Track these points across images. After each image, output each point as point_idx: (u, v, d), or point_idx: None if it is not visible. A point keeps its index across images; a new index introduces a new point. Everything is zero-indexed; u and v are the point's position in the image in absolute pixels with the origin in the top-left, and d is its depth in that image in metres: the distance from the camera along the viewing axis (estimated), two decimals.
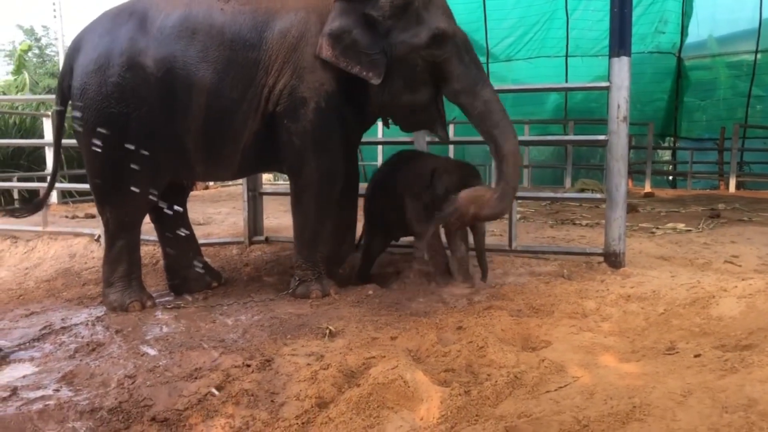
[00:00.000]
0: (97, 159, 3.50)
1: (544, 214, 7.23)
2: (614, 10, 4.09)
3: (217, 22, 3.46)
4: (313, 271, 3.78)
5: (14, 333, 3.29)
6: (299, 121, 3.54)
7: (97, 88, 3.40)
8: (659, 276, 3.80)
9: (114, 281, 3.66)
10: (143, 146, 3.42)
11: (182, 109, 3.45)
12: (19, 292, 4.22)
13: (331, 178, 3.73)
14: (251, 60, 3.47)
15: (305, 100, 3.51)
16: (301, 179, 3.72)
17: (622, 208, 4.10)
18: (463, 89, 3.54)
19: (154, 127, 3.45)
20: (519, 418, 1.97)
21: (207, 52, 3.42)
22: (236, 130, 3.55)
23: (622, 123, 4.05)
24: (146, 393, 2.38)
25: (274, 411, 2.25)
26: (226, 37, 3.45)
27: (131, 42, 3.41)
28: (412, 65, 3.52)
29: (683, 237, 5.31)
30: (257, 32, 3.48)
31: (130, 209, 3.63)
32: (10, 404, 2.31)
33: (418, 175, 3.88)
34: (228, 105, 3.47)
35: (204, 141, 3.56)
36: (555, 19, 12.98)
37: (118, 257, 3.67)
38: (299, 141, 3.58)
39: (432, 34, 3.45)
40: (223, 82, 3.44)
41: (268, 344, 2.84)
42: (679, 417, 1.86)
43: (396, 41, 3.48)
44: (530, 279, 3.96)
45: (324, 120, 3.56)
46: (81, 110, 3.46)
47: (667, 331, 2.83)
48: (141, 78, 3.38)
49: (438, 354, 2.69)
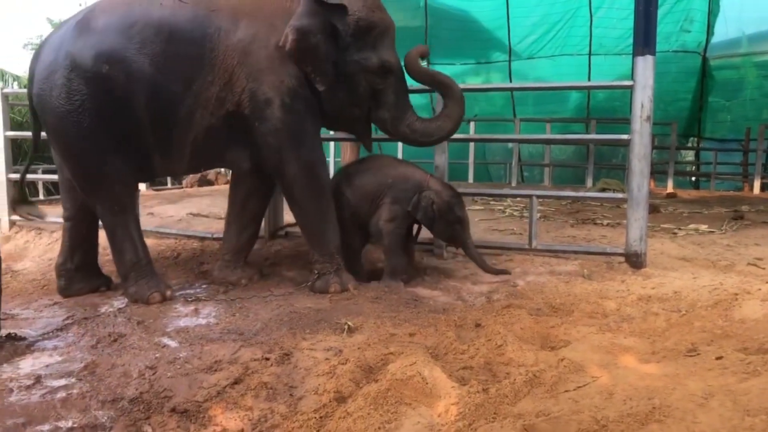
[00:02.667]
0: (67, 158, 3.68)
1: (565, 213, 7.18)
2: (639, 8, 4.05)
3: (155, 16, 3.53)
4: (331, 263, 3.80)
5: (38, 322, 3.34)
6: (269, 121, 3.62)
7: (49, 92, 3.50)
8: (681, 277, 3.76)
9: (126, 272, 3.72)
10: (102, 139, 3.53)
11: (128, 102, 3.51)
12: (43, 283, 4.28)
13: (314, 168, 3.80)
14: (192, 55, 3.53)
15: (270, 101, 3.59)
16: (285, 177, 3.77)
17: (643, 208, 4.07)
18: (391, 117, 3.91)
19: (106, 120, 3.51)
20: (537, 417, 1.97)
21: (144, 45, 3.48)
22: (181, 122, 3.60)
23: (646, 122, 4.01)
24: (167, 384, 2.41)
25: (293, 404, 2.27)
26: (164, 30, 3.51)
27: (73, 44, 3.50)
28: (357, 84, 3.80)
29: (706, 238, 5.25)
30: (198, 27, 3.55)
31: (114, 199, 3.69)
32: (34, 392, 2.36)
33: (403, 190, 3.95)
34: (170, 97, 3.53)
35: (152, 131, 3.61)
36: (578, 16, 12.85)
37: (121, 247, 3.72)
38: (273, 140, 3.64)
39: (380, 64, 3.78)
40: (162, 74, 3.50)
41: (287, 338, 2.86)
42: (699, 419, 1.85)
43: (350, 59, 3.73)
44: (550, 278, 3.95)
45: (292, 115, 3.63)
46: (41, 114, 3.62)
47: (688, 332, 2.80)
48: (84, 76, 3.45)
49: (456, 351, 2.69)
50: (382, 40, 3.81)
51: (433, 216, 3.90)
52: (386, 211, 3.95)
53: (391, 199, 3.95)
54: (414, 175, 4.03)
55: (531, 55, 13.52)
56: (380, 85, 3.83)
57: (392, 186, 3.97)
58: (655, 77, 4.02)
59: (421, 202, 3.90)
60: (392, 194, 3.95)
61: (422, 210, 3.90)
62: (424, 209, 3.89)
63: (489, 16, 13.10)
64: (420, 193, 3.91)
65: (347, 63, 3.74)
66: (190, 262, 4.59)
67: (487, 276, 4.02)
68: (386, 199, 3.96)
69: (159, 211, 6.63)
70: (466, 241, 3.98)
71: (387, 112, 3.90)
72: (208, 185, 9.72)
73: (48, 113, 3.56)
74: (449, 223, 3.94)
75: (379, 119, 3.96)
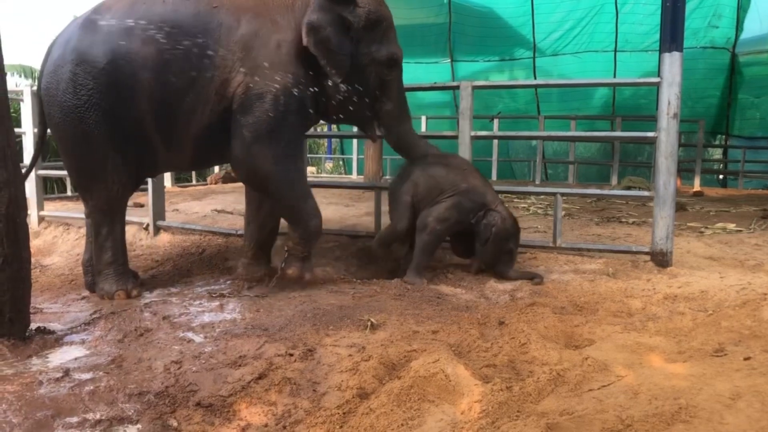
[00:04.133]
0: (68, 153, 3.76)
1: (590, 211, 7.12)
2: (666, 4, 4.00)
3: (158, 12, 3.57)
4: (303, 248, 3.87)
5: (67, 316, 3.40)
6: (253, 114, 3.60)
7: (56, 86, 3.58)
8: (708, 276, 3.71)
9: (102, 269, 3.80)
10: (104, 135, 3.59)
11: (132, 97, 3.56)
12: (71, 277, 4.35)
13: (284, 159, 3.75)
14: (195, 51, 3.55)
15: (262, 95, 3.59)
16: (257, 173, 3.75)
17: (670, 206, 4.02)
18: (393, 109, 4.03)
19: (110, 116, 3.57)
20: (561, 416, 1.96)
21: (148, 42, 3.52)
22: (184, 117, 3.64)
23: (673, 120, 3.96)
24: (192, 378, 2.44)
25: (316, 400, 2.28)
26: (167, 26, 3.54)
27: (80, 40, 3.58)
28: (368, 76, 3.88)
29: (733, 237, 5.17)
30: (201, 23, 3.58)
31: (107, 198, 3.75)
32: (63, 385, 2.39)
33: (470, 200, 3.98)
34: (173, 92, 3.57)
35: (155, 127, 3.66)
36: (604, 13, 12.73)
37: (103, 245, 3.79)
38: (249, 133, 3.64)
39: (389, 56, 3.89)
40: (165, 70, 3.54)
41: (310, 334, 2.87)
42: (727, 420, 1.82)
43: (362, 51, 3.82)
44: (574, 276, 3.92)
45: (279, 113, 3.62)
46: (48, 108, 3.67)
47: (715, 332, 2.76)
48: (90, 71, 3.52)
49: (479, 349, 2.69)
50: (388, 33, 3.91)
51: (489, 237, 3.91)
52: (442, 210, 3.95)
53: (454, 203, 3.95)
54: (487, 192, 4.05)
55: (555, 52, 13.43)
56: (388, 77, 3.94)
57: (464, 192, 3.97)
58: (683, 74, 3.97)
59: (487, 218, 3.93)
60: (458, 198, 3.96)
61: (484, 226, 3.93)
62: (486, 227, 3.92)
63: (513, 13, 13.03)
64: (488, 210, 3.95)
65: (361, 55, 3.82)
66: (215, 258, 4.63)
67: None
68: (449, 200, 3.96)
69: (184, 208, 6.71)
70: (505, 274, 3.97)
71: (392, 103, 4.01)
72: (232, 182, 9.77)
73: (54, 107, 3.63)
74: (500, 250, 3.96)
75: (383, 111, 4.03)
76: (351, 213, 6.46)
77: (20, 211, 2.91)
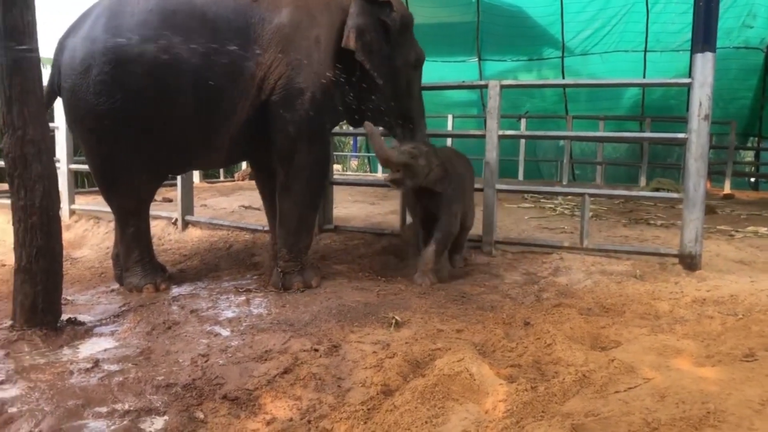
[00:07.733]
0: (95, 154, 3.65)
1: (618, 212, 7.05)
2: (699, 3, 3.96)
3: (198, 5, 3.49)
4: (296, 262, 3.82)
5: (96, 308, 3.45)
6: (296, 111, 3.62)
7: (86, 88, 3.41)
8: (738, 280, 3.66)
9: (130, 266, 3.81)
10: (136, 137, 3.52)
11: (172, 95, 3.48)
12: (100, 270, 4.41)
13: (322, 167, 3.91)
14: (237, 45, 3.50)
15: (302, 91, 3.61)
16: (292, 167, 3.75)
17: (700, 208, 3.97)
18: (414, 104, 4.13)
19: (144, 117, 3.49)
20: (586, 417, 1.95)
21: (190, 38, 3.42)
22: (224, 113, 3.60)
23: (704, 121, 3.91)
24: (218, 372, 2.46)
25: (341, 396, 2.29)
26: (208, 21, 3.47)
27: (111, 36, 3.38)
28: (401, 77, 3.99)
29: (764, 241, 5.08)
30: (242, 16, 3.54)
31: (132, 198, 3.73)
32: (93, 375, 2.44)
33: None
34: (215, 88, 3.50)
35: (196, 123, 3.59)
36: (634, 12, 12.56)
37: (130, 244, 3.79)
38: (294, 129, 3.65)
39: (417, 57, 4.06)
40: (207, 65, 3.46)
41: (335, 330, 2.89)
42: (756, 426, 1.80)
43: (397, 53, 3.93)
44: (601, 278, 3.89)
45: (319, 110, 3.66)
46: (74, 109, 3.53)
47: (745, 337, 2.72)
48: (124, 71, 3.38)
49: (504, 349, 2.68)
50: (413, 35, 4.06)
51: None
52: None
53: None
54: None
55: (584, 52, 13.30)
56: (413, 77, 4.07)
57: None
58: (715, 74, 3.91)
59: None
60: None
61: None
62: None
63: (542, 12, 12.92)
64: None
65: (396, 57, 3.92)
66: (242, 254, 4.67)
67: (538, 274, 3.98)
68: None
69: (212, 203, 6.77)
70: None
71: (415, 102, 4.12)
72: None
73: (81, 110, 3.49)
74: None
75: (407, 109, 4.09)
76: (376, 211, 6.48)
77: (54, 204, 2.96)
